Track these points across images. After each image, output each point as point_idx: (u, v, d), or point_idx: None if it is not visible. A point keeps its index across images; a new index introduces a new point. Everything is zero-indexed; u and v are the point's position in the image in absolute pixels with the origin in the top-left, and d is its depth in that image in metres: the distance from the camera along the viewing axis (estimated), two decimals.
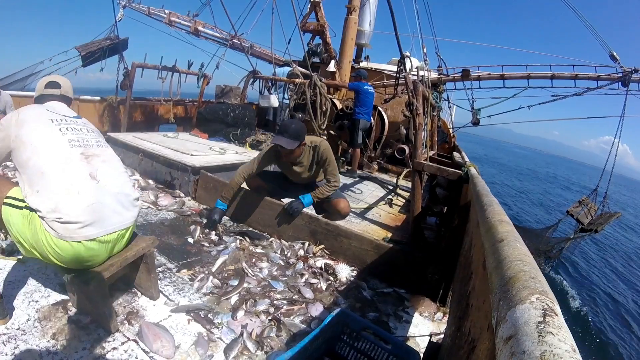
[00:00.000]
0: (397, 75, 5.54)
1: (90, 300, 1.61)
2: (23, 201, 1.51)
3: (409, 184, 5.47)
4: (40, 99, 1.88)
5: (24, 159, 1.53)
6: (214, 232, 2.86)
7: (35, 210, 1.47)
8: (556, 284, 9.58)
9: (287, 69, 7.64)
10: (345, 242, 2.72)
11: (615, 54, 7.94)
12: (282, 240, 2.89)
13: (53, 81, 1.94)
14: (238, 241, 2.76)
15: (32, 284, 1.84)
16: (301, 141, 2.77)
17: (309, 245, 2.80)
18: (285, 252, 2.69)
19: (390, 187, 6.00)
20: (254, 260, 2.53)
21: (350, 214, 4.23)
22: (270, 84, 6.97)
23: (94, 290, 1.56)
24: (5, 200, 1.53)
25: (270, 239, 2.90)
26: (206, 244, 2.66)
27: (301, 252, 2.71)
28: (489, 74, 8.82)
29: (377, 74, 8.61)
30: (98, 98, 6.51)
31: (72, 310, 1.70)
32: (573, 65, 8.20)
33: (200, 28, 7.23)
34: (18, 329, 1.54)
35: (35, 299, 1.74)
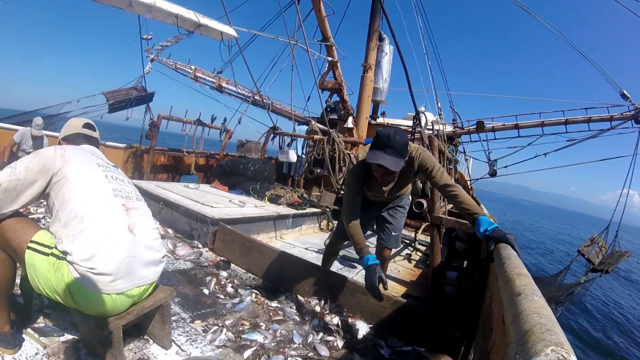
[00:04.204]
0: (413, 131, 5.68)
1: (102, 345, 1.61)
2: (50, 247, 1.47)
3: (428, 239, 5.38)
4: (74, 138, 1.85)
5: (66, 198, 1.49)
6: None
7: (65, 255, 1.43)
8: (572, 328, 9.07)
9: (306, 127, 7.96)
10: (362, 298, 2.65)
11: (625, 92, 8.07)
12: (299, 296, 2.84)
13: (90, 123, 1.94)
14: (254, 295, 2.73)
15: (44, 319, 1.85)
16: (407, 157, 2.12)
17: (325, 302, 2.74)
18: (302, 308, 2.64)
19: (408, 242, 5.92)
20: (270, 314, 2.49)
21: None
22: (291, 139, 7.22)
23: (108, 337, 1.56)
24: (30, 245, 1.47)
25: (286, 294, 2.85)
26: (221, 296, 2.64)
27: (317, 308, 2.65)
28: (504, 125, 8.94)
29: None
30: (123, 145, 6.86)
31: (82, 351, 1.68)
32: (586, 109, 8.31)
33: (223, 84, 7.55)
34: None
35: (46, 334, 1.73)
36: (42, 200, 1.61)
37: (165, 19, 5.81)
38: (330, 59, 7.59)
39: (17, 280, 1.77)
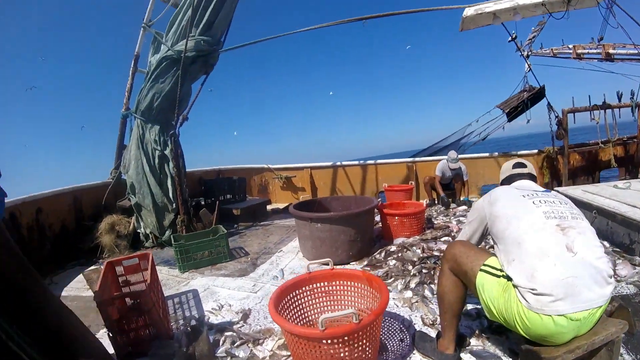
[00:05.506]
0: None
1: None
2: (501, 271, 1.64)
3: None
4: (509, 179, 2.11)
5: (500, 230, 1.71)
6: None
7: (510, 280, 1.56)
8: None
9: None
10: None
11: None
12: None
13: (520, 162, 2.16)
14: None
15: (483, 342, 2.03)
16: None
17: None
18: None
19: None
20: None
21: None
22: None
23: None
24: (483, 267, 1.70)
25: None
26: None
27: None
28: None
29: None
30: (535, 151, 6.90)
31: None
32: None
33: (611, 51, 6.34)
34: None
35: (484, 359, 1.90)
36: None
37: (534, 12, 5.70)
38: None
39: None
